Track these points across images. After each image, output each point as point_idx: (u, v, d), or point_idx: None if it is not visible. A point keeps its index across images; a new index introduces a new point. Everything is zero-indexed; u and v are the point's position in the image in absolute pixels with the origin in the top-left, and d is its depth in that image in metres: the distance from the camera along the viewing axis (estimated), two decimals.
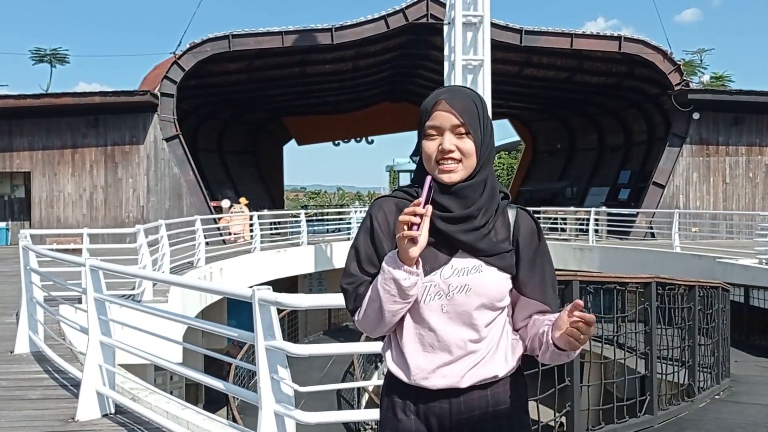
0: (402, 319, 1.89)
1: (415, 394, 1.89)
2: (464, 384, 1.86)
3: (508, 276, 1.89)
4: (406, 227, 1.72)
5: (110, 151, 20.32)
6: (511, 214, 1.94)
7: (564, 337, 1.75)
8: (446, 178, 1.83)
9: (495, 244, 1.87)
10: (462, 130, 1.83)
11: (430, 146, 1.85)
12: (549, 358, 1.88)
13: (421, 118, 1.88)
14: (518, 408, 1.94)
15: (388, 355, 1.96)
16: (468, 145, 1.83)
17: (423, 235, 1.75)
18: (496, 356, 1.90)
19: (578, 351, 1.84)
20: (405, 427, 1.91)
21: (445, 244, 1.84)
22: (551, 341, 1.83)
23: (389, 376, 1.97)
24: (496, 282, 1.86)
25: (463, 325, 1.86)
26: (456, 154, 1.83)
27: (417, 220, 1.72)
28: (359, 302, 1.88)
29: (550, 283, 1.94)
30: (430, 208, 1.75)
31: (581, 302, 1.74)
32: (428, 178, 1.79)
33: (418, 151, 1.91)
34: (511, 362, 1.93)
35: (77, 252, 10.02)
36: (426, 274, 1.82)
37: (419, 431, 1.90)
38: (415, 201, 1.75)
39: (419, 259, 1.78)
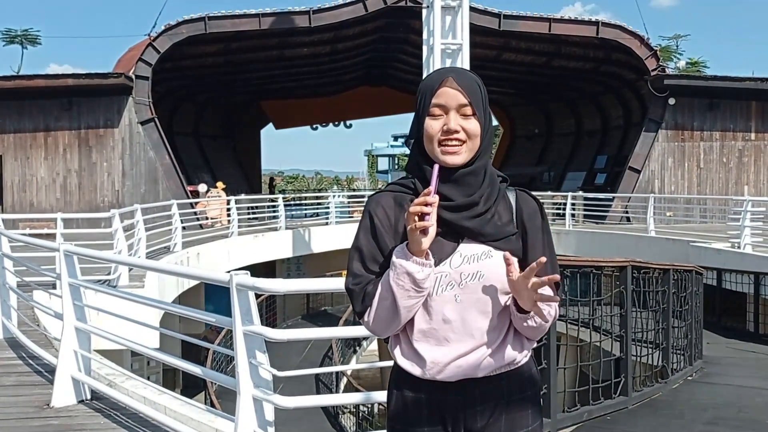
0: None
1: (428, 387, 1.84)
2: (480, 374, 1.83)
3: (517, 259, 1.83)
4: (416, 218, 1.67)
5: (84, 134, 19.99)
6: (512, 196, 1.91)
7: (527, 296, 1.73)
8: (449, 159, 1.77)
9: (500, 228, 1.83)
10: (468, 110, 1.78)
11: (434, 125, 1.79)
12: (521, 328, 1.85)
13: (422, 99, 1.82)
14: (532, 397, 1.91)
15: (397, 351, 1.88)
16: (473, 125, 1.79)
17: (433, 226, 1.71)
18: (510, 343, 1.87)
19: (549, 318, 1.81)
20: (416, 420, 1.86)
21: (450, 232, 1.80)
22: (513, 307, 1.81)
23: (398, 371, 1.90)
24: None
25: (479, 314, 1.82)
26: (461, 135, 1.78)
27: (429, 210, 1.67)
28: (369, 302, 1.80)
29: (553, 261, 1.88)
30: (437, 197, 1.70)
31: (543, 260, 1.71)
32: (436, 167, 1.74)
33: (413, 135, 1.86)
34: (525, 349, 1.90)
35: (51, 237, 9.88)
36: (435, 264, 1.76)
37: (432, 425, 1.86)
38: (425, 190, 1.69)
39: (428, 251, 1.73)
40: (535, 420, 1.90)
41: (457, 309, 1.80)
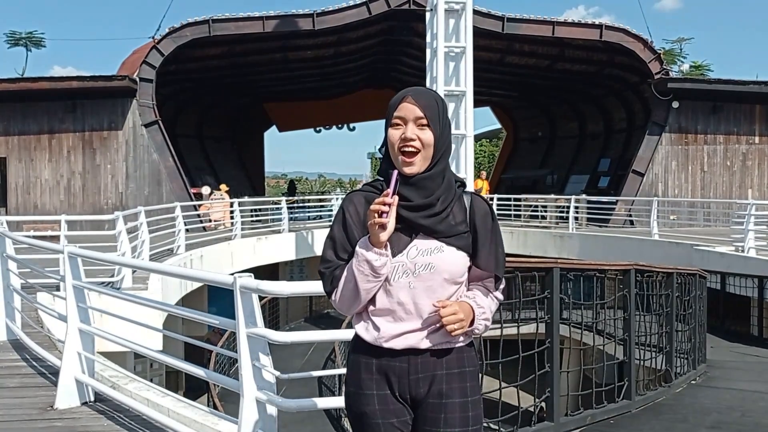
0: (374, 295, 2.14)
1: (378, 353, 2.15)
2: (423, 346, 2.13)
3: (466, 254, 2.16)
4: (376, 215, 2.00)
5: (88, 136, 20.04)
6: (467, 199, 2.22)
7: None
8: (406, 169, 2.09)
9: (453, 227, 2.14)
10: (423, 121, 2.09)
11: (395, 134, 2.11)
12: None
13: (388, 114, 2.14)
14: (471, 373, 2.20)
15: (360, 324, 2.20)
16: (428, 135, 2.10)
17: (391, 222, 2.03)
18: None
19: (473, 329, 2.15)
20: (367, 384, 2.17)
21: (408, 229, 2.11)
22: None
23: (355, 340, 2.24)
24: (456, 260, 2.13)
25: (428, 299, 2.12)
26: (416, 143, 2.09)
27: (386, 208, 2.00)
28: (336, 283, 2.14)
29: (501, 257, 2.23)
30: (396, 198, 2.03)
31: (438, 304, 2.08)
32: (394, 172, 2.06)
33: (384, 144, 2.18)
34: (466, 333, 2.16)
35: (55, 239, 9.91)
36: (394, 255, 2.10)
37: (380, 387, 2.16)
38: (384, 192, 2.02)
39: (387, 243, 2.06)
40: (474, 393, 2.19)
41: (410, 294, 2.12)
